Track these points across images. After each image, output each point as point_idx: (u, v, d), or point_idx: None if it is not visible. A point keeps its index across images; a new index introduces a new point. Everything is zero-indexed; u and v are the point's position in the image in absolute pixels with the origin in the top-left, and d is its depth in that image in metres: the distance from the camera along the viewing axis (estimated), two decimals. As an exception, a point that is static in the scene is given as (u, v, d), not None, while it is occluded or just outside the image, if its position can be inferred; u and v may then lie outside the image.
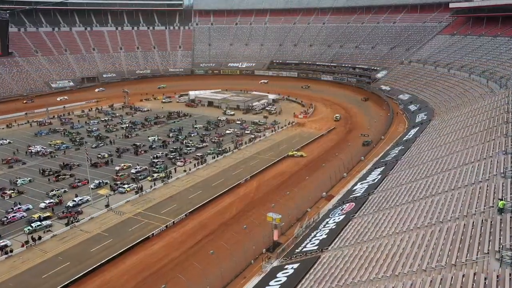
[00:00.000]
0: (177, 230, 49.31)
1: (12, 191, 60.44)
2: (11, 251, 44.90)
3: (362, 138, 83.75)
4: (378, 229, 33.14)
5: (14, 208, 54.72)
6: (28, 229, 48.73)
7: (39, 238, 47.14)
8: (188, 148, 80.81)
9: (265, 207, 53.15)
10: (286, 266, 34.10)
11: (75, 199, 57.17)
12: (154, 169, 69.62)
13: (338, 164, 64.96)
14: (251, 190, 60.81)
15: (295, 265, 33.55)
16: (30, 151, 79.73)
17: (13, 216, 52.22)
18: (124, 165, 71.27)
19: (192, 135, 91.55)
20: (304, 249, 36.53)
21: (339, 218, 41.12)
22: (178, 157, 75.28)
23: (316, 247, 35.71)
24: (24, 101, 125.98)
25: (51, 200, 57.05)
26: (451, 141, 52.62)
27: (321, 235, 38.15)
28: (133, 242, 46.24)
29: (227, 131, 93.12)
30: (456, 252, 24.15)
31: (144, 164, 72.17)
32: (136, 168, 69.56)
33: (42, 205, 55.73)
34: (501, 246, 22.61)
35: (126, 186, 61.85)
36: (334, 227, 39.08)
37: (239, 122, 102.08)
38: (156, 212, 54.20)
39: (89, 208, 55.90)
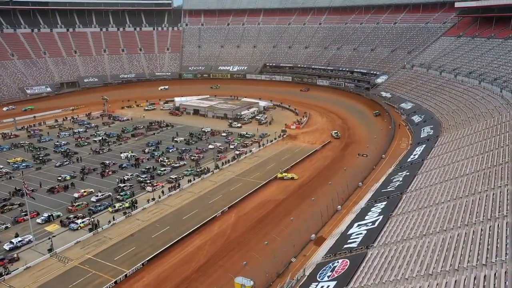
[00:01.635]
0: (128, 288, 39.52)
1: None
2: None
3: (361, 158, 73.23)
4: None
5: None
6: None
7: (-48, 301, 37.41)
8: (163, 168, 70.85)
9: (240, 253, 43.57)
10: None
11: (13, 240, 47.39)
12: (118, 196, 59.78)
13: (331, 193, 54.80)
14: (227, 226, 50.91)
15: None
16: (-18, 171, 70.09)
17: None
18: (85, 191, 61.40)
19: (170, 150, 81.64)
20: None
21: (328, 286, 31.32)
22: (148, 181, 65.16)
23: None
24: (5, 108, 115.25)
25: (-15, 242, 47.38)
26: (470, 173, 42.76)
27: (304, 316, 28.39)
28: (69, 307, 36.50)
29: (210, 146, 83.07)
30: None
31: (109, 190, 62.38)
32: (97, 196, 59.74)
33: (-28, 248, 46.05)
34: None
35: (79, 221, 52.02)
36: (321, 303, 29.32)
37: (224, 135, 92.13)
38: (108, 259, 44.37)
39: (29, 252, 46.09)
